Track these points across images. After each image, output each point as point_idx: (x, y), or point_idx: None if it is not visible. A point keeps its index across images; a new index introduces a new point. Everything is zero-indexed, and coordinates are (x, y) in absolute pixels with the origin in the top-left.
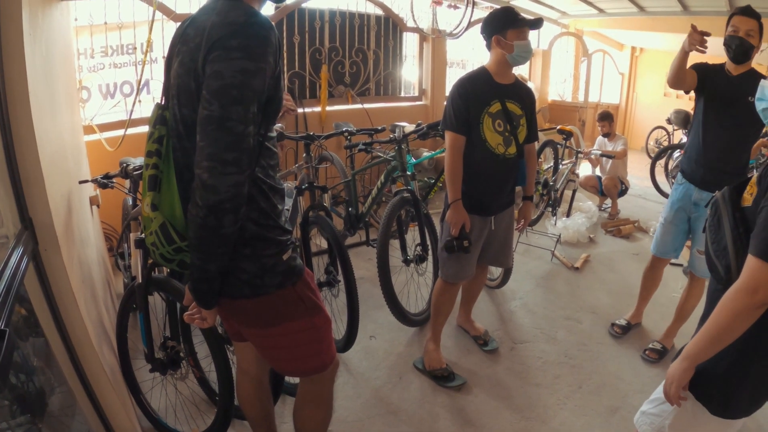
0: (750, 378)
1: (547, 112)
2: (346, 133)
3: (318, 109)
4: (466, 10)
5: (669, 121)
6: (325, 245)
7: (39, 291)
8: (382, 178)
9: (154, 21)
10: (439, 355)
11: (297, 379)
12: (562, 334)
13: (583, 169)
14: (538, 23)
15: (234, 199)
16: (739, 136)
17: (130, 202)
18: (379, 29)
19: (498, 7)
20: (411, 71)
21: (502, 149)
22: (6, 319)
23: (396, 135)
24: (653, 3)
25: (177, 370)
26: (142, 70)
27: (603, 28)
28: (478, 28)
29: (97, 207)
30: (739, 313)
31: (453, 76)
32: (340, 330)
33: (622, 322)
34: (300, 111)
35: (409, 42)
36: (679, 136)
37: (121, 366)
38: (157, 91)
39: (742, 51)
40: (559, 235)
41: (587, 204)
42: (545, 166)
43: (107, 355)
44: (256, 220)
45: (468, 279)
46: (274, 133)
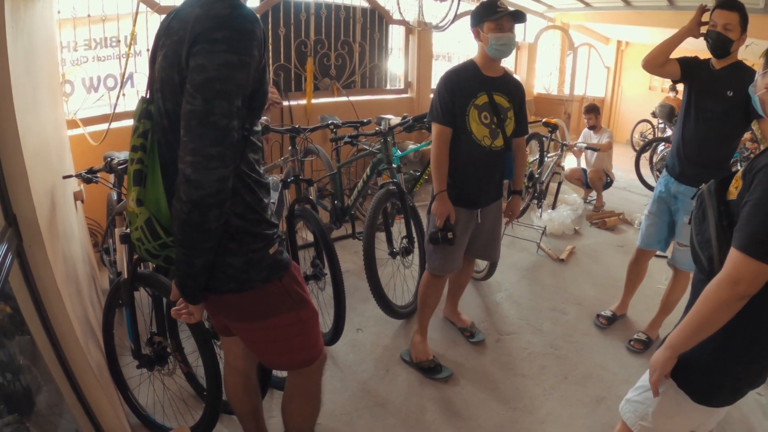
0: (732, 368)
1: (532, 105)
2: (332, 126)
3: (303, 101)
4: (453, 2)
5: (654, 114)
6: (311, 238)
7: (24, 288)
8: (368, 170)
9: (138, 13)
10: (425, 347)
11: (285, 373)
12: (547, 326)
13: (569, 162)
14: (514, 15)
15: (218, 194)
16: (718, 131)
17: (115, 197)
18: (364, 22)
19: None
20: (397, 64)
21: (488, 141)
22: None
23: (381, 128)
24: None
25: (164, 365)
26: (126, 63)
27: (589, 22)
28: (464, 20)
29: (82, 202)
30: (721, 304)
31: (439, 69)
32: (326, 323)
33: (607, 313)
34: (285, 104)
35: (395, 35)
36: (664, 130)
37: (108, 363)
38: (142, 84)
39: (720, 45)
40: (545, 227)
41: (572, 196)
42: (531, 159)
43: (94, 352)
44: (242, 215)
45: (454, 272)
46: (259, 127)
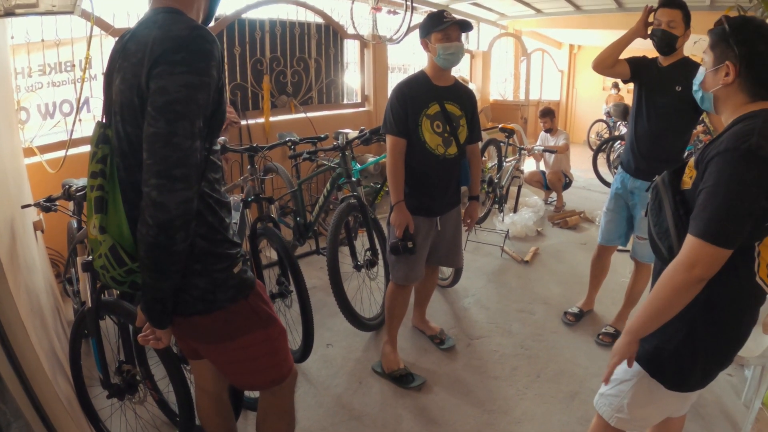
0: (700, 353)
1: (489, 111)
2: (290, 143)
3: (261, 120)
4: (405, 15)
5: (608, 113)
6: (275, 257)
7: None
8: (328, 185)
9: (92, 36)
10: (396, 356)
11: (257, 393)
12: (516, 327)
13: (528, 165)
14: (461, 24)
15: (184, 216)
16: (669, 126)
17: (75, 225)
18: (319, 37)
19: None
20: (353, 78)
21: (441, 150)
22: None
23: (339, 142)
24: (589, 1)
25: (135, 394)
26: (81, 88)
27: (541, 28)
28: (417, 32)
29: (42, 232)
30: (678, 288)
31: (395, 81)
32: (296, 340)
33: (574, 310)
34: (243, 123)
35: (350, 49)
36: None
37: (77, 395)
38: (98, 109)
39: (666, 42)
40: (508, 231)
41: (533, 199)
42: (489, 165)
43: (62, 385)
44: (205, 235)
45: (418, 280)
46: (218, 147)
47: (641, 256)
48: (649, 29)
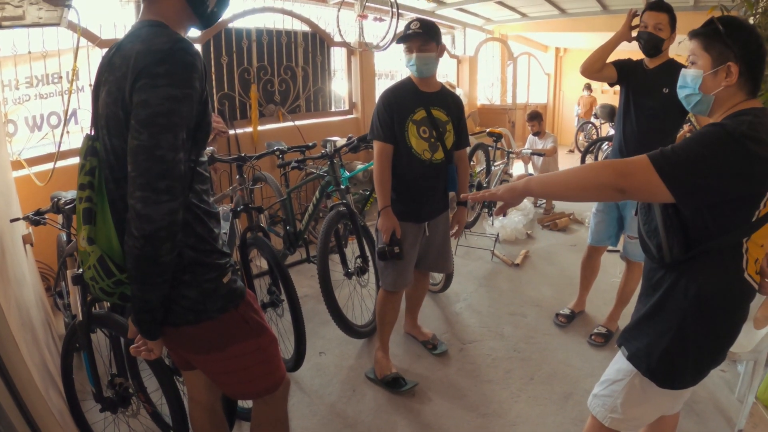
0: (691, 350)
1: (476, 116)
2: (278, 152)
3: (249, 129)
4: (391, 22)
5: (595, 115)
6: (265, 266)
7: None
8: (317, 193)
9: (79, 48)
10: (388, 362)
11: (250, 403)
12: (508, 330)
13: (517, 169)
14: (421, 35)
15: (169, 227)
16: (656, 126)
17: (65, 238)
18: (306, 46)
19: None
20: (340, 85)
21: (428, 155)
22: None
23: (327, 150)
24: (574, 5)
25: (128, 407)
26: (69, 100)
27: (527, 32)
28: None
29: (31, 246)
30: (597, 181)
31: (382, 88)
32: (288, 349)
33: (566, 311)
34: (231, 132)
35: (337, 56)
36: (606, 129)
37: (70, 409)
38: (86, 120)
39: (652, 45)
40: (498, 235)
41: (522, 202)
42: (478, 169)
43: (55, 400)
44: (193, 246)
45: (407, 286)
46: (205, 158)
47: (633, 255)
48: (635, 32)
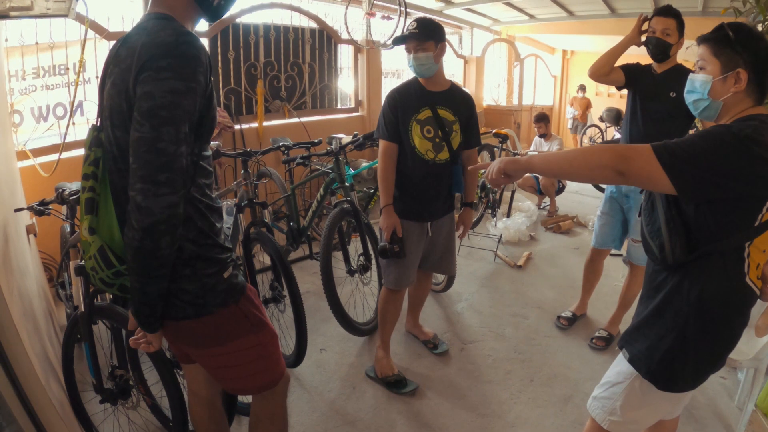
0: (691, 353)
1: (482, 116)
2: (283, 148)
3: (255, 124)
4: (399, 20)
5: (601, 119)
6: (268, 262)
7: None
8: (322, 190)
9: (86, 40)
10: (389, 361)
11: (250, 398)
12: (510, 331)
13: None
14: (417, 36)
15: (169, 220)
16: (663, 130)
17: (68, 229)
18: (313, 42)
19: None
20: (347, 83)
21: (431, 155)
22: None
23: (333, 147)
24: (582, 7)
25: (128, 398)
26: (75, 91)
27: (534, 33)
28: None
29: (35, 236)
30: (599, 162)
31: (389, 86)
32: (289, 345)
33: (567, 314)
34: (237, 127)
35: (344, 54)
36: (612, 133)
37: (70, 399)
38: (91, 112)
39: (661, 50)
40: (501, 236)
41: (526, 203)
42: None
43: (55, 390)
44: (194, 240)
45: (410, 285)
46: (209, 152)
47: (636, 258)
48: (643, 37)
